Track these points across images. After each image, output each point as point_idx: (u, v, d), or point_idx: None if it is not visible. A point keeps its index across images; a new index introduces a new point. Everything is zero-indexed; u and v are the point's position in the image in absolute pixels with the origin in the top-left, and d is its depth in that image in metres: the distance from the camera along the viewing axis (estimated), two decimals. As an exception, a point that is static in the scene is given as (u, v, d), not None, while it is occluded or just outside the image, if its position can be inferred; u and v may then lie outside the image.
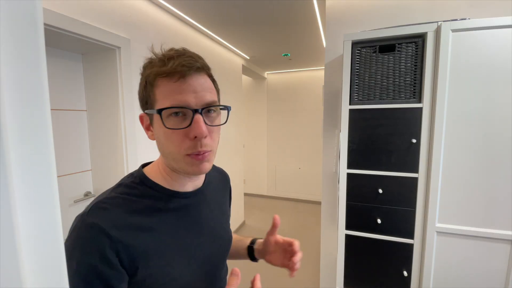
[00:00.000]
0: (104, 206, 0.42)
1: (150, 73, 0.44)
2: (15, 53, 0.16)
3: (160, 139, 0.45)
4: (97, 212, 0.41)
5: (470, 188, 1.04)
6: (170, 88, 0.42)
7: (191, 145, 0.43)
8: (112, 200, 0.44)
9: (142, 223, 0.43)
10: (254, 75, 3.90)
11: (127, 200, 0.44)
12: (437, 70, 1.03)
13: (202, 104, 0.43)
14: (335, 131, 1.59)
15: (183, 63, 0.42)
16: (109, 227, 0.40)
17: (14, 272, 0.16)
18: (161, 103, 0.43)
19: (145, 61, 0.47)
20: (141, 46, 1.56)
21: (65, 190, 1.38)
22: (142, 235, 0.43)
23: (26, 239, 0.17)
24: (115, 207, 0.43)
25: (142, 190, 0.47)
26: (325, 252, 1.68)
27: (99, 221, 0.40)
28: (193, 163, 0.44)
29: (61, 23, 1.10)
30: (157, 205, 0.47)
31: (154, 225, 0.45)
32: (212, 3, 1.71)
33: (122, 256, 0.40)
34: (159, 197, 0.48)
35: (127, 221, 0.42)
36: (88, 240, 0.39)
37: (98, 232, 0.39)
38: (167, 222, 0.47)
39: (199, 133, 0.42)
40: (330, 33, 1.53)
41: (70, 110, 1.40)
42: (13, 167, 0.16)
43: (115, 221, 0.41)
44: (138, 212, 0.44)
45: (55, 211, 0.19)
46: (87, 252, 0.39)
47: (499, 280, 1.04)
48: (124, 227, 0.41)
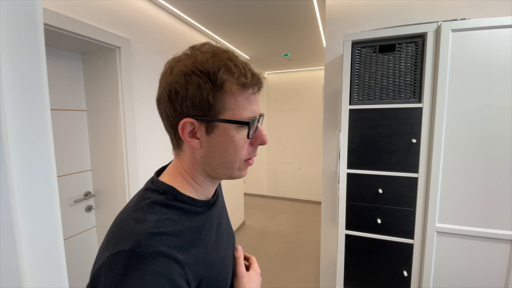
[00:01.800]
0: (157, 232, 0.37)
1: (227, 80, 0.40)
2: (15, 53, 0.16)
3: (222, 147, 0.43)
4: (155, 239, 0.36)
5: (470, 188, 1.04)
6: (247, 99, 0.42)
7: (251, 150, 0.46)
8: (160, 223, 0.39)
9: (194, 240, 0.42)
10: (254, 75, 3.90)
11: (172, 221, 0.41)
12: (437, 70, 1.03)
13: (259, 114, 0.46)
14: (335, 131, 1.59)
15: (258, 75, 0.43)
16: (174, 252, 0.37)
17: (14, 272, 0.16)
18: (237, 113, 0.41)
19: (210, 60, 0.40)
20: (141, 46, 1.56)
21: (65, 190, 1.38)
22: (198, 251, 0.42)
23: (26, 239, 0.17)
24: (167, 229, 0.39)
25: (179, 207, 0.44)
26: (325, 252, 1.68)
27: (163, 248, 0.36)
28: (245, 168, 0.47)
29: (61, 23, 1.10)
30: (197, 218, 0.46)
31: (202, 238, 0.44)
32: (212, 3, 1.71)
33: (190, 279, 0.38)
34: (196, 211, 0.46)
35: (185, 241, 0.40)
36: (159, 273, 0.34)
37: (167, 261, 0.35)
38: (208, 233, 0.47)
39: (265, 140, 0.46)
40: (330, 33, 1.53)
41: (70, 110, 1.40)
42: (13, 167, 0.16)
43: (176, 245, 0.38)
44: (186, 229, 0.42)
45: (55, 211, 0.19)
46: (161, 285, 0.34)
47: (499, 280, 1.04)
48: (184, 248, 0.39)
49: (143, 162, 1.56)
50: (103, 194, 1.53)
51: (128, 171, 1.46)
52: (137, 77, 1.52)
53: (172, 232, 0.39)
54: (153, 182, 0.46)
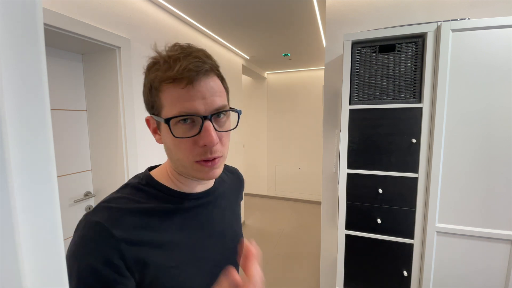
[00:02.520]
0: (108, 206, 0.41)
1: (155, 78, 0.40)
2: (15, 53, 0.16)
3: (168, 145, 0.44)
4: (101, 211, 0.40)
5: (470, 188, 1.04)
6: (178, 95, 0.39)
7: (200, 151, 0.41)
8: (118, 200, 0.43)
9: (149, 223, 0.42)
10: (254, 75, 3.90)
11: (133, 201, 0.43)
12: (437, 70, 1.03)
13: (212, 110, 0.41)
14: (335, 131, 1.59)
15: (190, 66, 0.38)
16: (113, 226, 0.38)
17: (14, 272, 0.16)
18: (168, 111, 0.40)
19: (149, 61, 0.43)
20: (141, 46, 1.56)
21: (65, 190, 1.38)
22: (149, 235, 0.41)
23: (26, 239, 0.17)
24: (119, 206, 0.41)
25: (148, 192, 0.45)
26: (325, 252, 1.68)
27: (103, 220, 0.38)
28: (202, 170, 0.43)
29: (61, 23, 1.10)
30: (165, 207, 0.45)
31: (162, 226, 0.43)
32: (212, 3, 1.71)
33: (127, 256, 0.38)
34: (166, 199, 0.46)
35: (133, 220, 0.41)
36: (91, 239, 0.38)
37: (101, 231, 0.38)
38: (175, 223, 0.45)
39: (209, 142, 0.40)
40: (330, 33, 1.53)
41: (70, 110, 1.40)
42: (13, 167, 0.16)
43: (119, 221, 0.39)
44: (145, 212, 0.43)
45: (55, 211, 0.19)
46: (89, 253, 0.37)
47: (499, 280, 1.04)
48: (129, 226, 0.40)
49: (143, 162, 1.56)
50: (103, 194, 1.53)
51: (128, 171, 1.46)
52: (137, 77, 1.52)
53: (124, 209, 0.41)
54: (142, 172, 0.51)
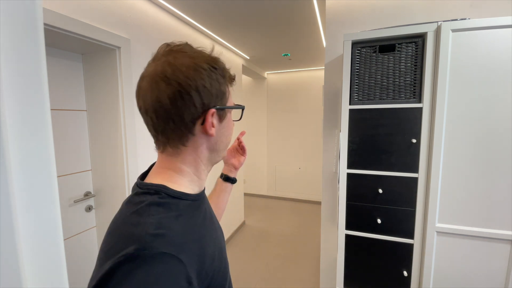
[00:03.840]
0: (159, 233, 0.36)
1: (230, 75, 0.51)
2: (15, 53, 0.16)
3: (228, 131, 0.52)
4: (159, 240, 0.35)
5: (470, 188, 1.04)
6: (230, 90, 0.52)
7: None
8: (160, 223, 0.38)
9: (194, 236, 0.42)
10: (254, 75, 3.90)
11: (169, 219, 0.40)
12: (437, 70, 1.03)
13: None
14: (335, 131, 1.59)
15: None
16: (178, 252, 0.36)
17: (14, 272, 0.16)
18: (230, 101, 0.52)
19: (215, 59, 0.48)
20: (141, 46, 1.56)
21: (65, 190, 1.38)
22: (199, 246, 0.41)
23: (26, 239, 0.17)
24: (167, 229, 0.38)
25: (173, 203, 0.43)
26: (325, 252, 1.68)
27: (167, 250, 0.35)
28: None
29: (61, 23, 1.10)
30: (194, 213, 0.46)
31: (201, 232, 0.45)
32: (212, 3, 1.71)
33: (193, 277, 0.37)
34: (189, 204, 0.45)
35: (183, 239, 0.39)
36: (165, 274, 0.33)
37: (171, 262, 0.34)
38: (205, 225, 0.48)
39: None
40: (330, 33, 1.53)
41: (70, 110, 1.40)
42: (13, 167, 0.16)
43: (178, 245, 0.37)
44: (184, 226, 0.41)
45: (55, 211, 0.19)
46: (168, 284, 0.33)
47: (499, 280, 1.04)
48: (184, 246, 0.38)
49: (143, 162, 1.56)
50: (103, 194, 1.53)
51: (128, 171, 1.46)
52: (137, 77, 1.52)
53: (172, 231, 0.38)
54: (139, 186, 0.45)
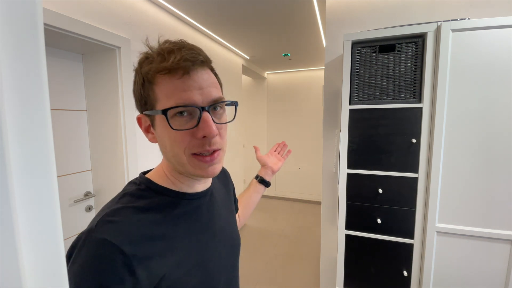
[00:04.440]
0: (112, 219, 0.38)
1: (149, 70, 0.39)
2: (15, 53, 0.16)
3: (164, 141, 0.41)
4: (106, 227, 0.37)
5: (470, 188, 1.04)
6: (174, 86, 0.38)
7: (198, 144, 0.40)
8: (120, 211, 0.39)
9: (154, 233, 0.39)
10: (254, 75, 3.90)
11: (136, 210, 0.40)
12: (437, 70, 1.03)
13: (209, 101, 0.40)
14: (335, 131, 1.59)
15: (186, 57, 0.38)
16: (121, 242, 0.35)
17: (14, 272, 0.16)
18: (164, 103, 0.39)
19: (140, 56, 0.42)
20: (141, 46, 1.56)
21: (65, 190, 1.38)
22: (157, 245, 0.39)
23: (26, 240, 0.17)
24: (124, 219, 0.38)
25: (149, 197, 0.43)
26: (325, 252, 1.68)
27: (109, 237, 0.35)
28: (200, 166, 0.41)
29: (61, 23, 1.10)
30: (168, 211, 0.43)
31: (168, 232, 0.41)
32: (212, 3, 1.71)
33: (139, 272, 0.35)
34: (168, 201, 0.44)
35: (140, 232, 0.38)
36: (100, 259, 0.34)
37: (109, 249, 0.35)
38: (181, 227, 0.43)
39: (209, 133, 0.39)
40: (330, 33, 1.53)
41: (70, 110, 1.40)
42: (13, 167, 0.16)
43: (126, 235, 0.37)
44: (149, 221, 0.40)
45: (55, 211, 0.19)
46: (100, 273, 0.34)
47: (499, 280, 1.04)
48: (137, 240, 0.37)
49: (143, 162, 1.56)
50: (103, 194, 1.53)
51: (128, 171, 1.46)
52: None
53: (128, 222, 0.38)
54: (137, 177, 0.48)
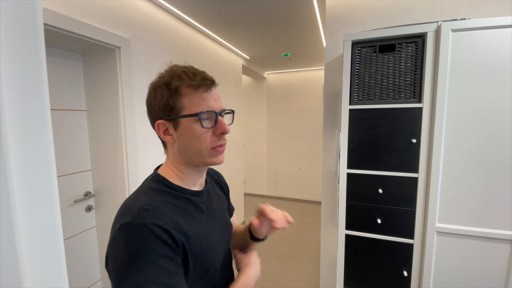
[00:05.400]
0: (149, 208, 0.49)
1: (180, 85, 0.52)
2: (15, 53, 0.16)
3: (188, 139, 0.54)
4: (148, 213, 0.48)
5: (470, 188, 1.04)
6: (200, 97, 0.53)
7: (215, 139, 0.55)
8: (151, 203, 0.51)
9: (178, 219, 0.51)
10: (254, 75, 3.90)
11: (162, 202, 0.52)
12: (437, 70, 1.03)
13: (221, 109, 0.56)
14: (335, 131, 1.59)
15: (207, 77, 0.54)
16: (164, 223, 0.47)
17: (14, 272, 0.16)
18: (193, 109, 0.52)
19: (168, 75, 0.54)
20: (141, 46, 1.56)
21: (65, 190, 1.38)
22: (184, 227, 0.51)
23: (26, 239, 0.17)
24: (158, 208, 0.50)
25: (168, 192, 0.55)
26: (325, 252, 1.68)
27: (154, 220, 0.47)
28: (216, 155, 0.56)
29: (61, 23, 1.10)
30: (182, 204, 0.55)
31: (186, 220, 0.53)
32: (212, 3, 1.71)
33: (177, 237, 0.48)
34: (181, 196, 0.56)
35: (171, 218, 0.50)
36: (149, 236, 0.46)
37: (153, 227, 0.46)
38: (193, 216, 0.56)
39: (225, 130, 0.54)
40: (330, 33, 1.53)
41: (70, 110, 1.40)
42: (13, 167, 0.16)
43: (165, 219, 0.49)
44: (174, 210, 0.53)
45: (55, 211, 0.19)
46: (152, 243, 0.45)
47: (499, 280, 1.04)
48: (171, 223, 0.49)
49: (143, 162, 1.56)
50: (103, 194, 1.53)
51: (128, 171, 1.46)
52: (137, 77, 1.52)
53: (162, 210, 0.50)
54: (154, 174, 0.59)
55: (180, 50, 1.96)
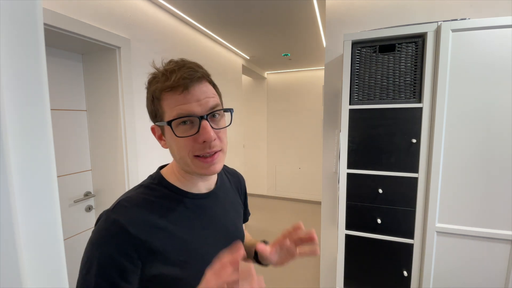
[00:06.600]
0: (125, 205, 0.47)
1: (156, 89, 0.48)
2: (15, 53, 0.16)
3: (172, 146, 0.50)
4: (119, 210, 0.46)
5: (470, 188, 1.04)
6: (176, 100, 0.46)
7: (200, 147, 0.47)
8: (132, 199, 0.49)
9: (157, 222, 0.47)
10: (254, 75, 3.90)
11: (146, 200, 0.49)
12: (437, 70, 1.03)
13: (207, 110, 0.47)
14: (335, 131, 1.59)
15: (184, 75, 0.45)
16: (129, 224, 0.44)
17: (14, 272, 0.16)
18: (169, 115, 0.47)
19: (149, 77, 0.51)
20: (141, 46, 1.56)
21: (65, 190, 1.38)
22: (158, 233, 0.47)
23: (26, 239, 0.17)
24: (135, 206, 0.47)
25: (160, 191, 0.52)
26: (325, 252, 1.68)
27: (120, 218, 0.45)
28: (202, 166, 0.49)
29: (61, 23, 1.10)
30: (173, 205, 0.51)
31: (170, 224, 0.49)
32: (212, 3, 1.71)
33: (141, 250, 0.44)
34: (175, 197, 0.52)
35: (145, 219, 0.47)
36: (111, 234, 0.44)
37: (119, 228, 0.44)
38: (183, 220, 0.51)
39: (208, 138, 0.46)
40: (330, 33, 1.52)
41: (70, 110, 1.40)
42: (13, 167, 0.16)
43: (133, 219, 0.46)
44: (155, 211, 0.48)
45: (55, 211, 0.19)
46: (108, 244, 0.43)
47: (499, 280, 1.04)
48: (143, 224, 0.46)
49: (143, 162, 1.56)
50: (103, 194, 1.53)
51: (128, 171, 1.46)
52: (137, 77, 1.52)
53: (138, 210, 0.47)
54: (155, 172, 0.57)
55: (180, 50, 1.96)
